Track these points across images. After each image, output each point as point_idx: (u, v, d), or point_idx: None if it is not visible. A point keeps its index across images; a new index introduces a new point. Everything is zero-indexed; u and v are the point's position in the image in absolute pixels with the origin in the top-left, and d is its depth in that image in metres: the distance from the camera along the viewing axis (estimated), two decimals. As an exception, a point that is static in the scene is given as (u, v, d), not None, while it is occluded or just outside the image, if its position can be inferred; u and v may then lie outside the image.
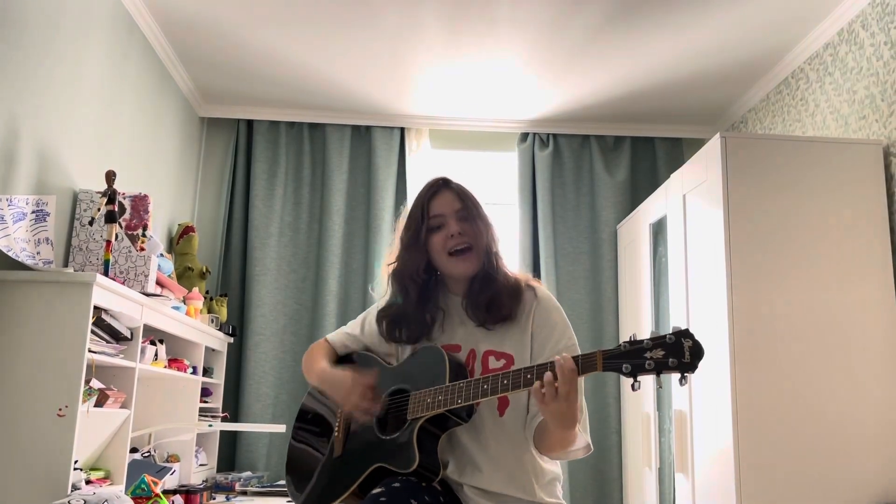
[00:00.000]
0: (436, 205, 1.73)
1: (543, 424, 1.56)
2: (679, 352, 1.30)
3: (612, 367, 1.35)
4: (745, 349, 2.63)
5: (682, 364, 1.29)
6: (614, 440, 3.96)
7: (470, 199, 1.75)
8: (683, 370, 1.30)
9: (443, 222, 1.71)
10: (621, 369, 1.34)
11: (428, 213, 1.72)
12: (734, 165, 2.77)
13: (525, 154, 4.34)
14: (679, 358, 1.29)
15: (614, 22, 3.28)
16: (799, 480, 2.55)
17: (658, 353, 1.31)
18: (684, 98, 4.04)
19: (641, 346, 1.33)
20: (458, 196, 1.74)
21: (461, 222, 1.71)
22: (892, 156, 2.80)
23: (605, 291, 4.16)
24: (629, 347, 1.34)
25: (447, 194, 1.74)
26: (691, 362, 1.29)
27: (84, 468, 2.38)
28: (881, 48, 2.88)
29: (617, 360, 1.35)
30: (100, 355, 2.32)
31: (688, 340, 1.30)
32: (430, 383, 1.58)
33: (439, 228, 1.71)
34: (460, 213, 1.72)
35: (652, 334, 1.35)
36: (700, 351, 1.30)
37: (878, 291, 2.70)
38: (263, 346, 4.02)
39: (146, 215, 2.80)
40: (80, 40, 2.74)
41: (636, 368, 1.32)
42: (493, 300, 1.67)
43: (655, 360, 1.31)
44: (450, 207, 1.72)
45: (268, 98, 4.13)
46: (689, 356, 1.29)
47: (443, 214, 1.72)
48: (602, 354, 1.37)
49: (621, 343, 1.36)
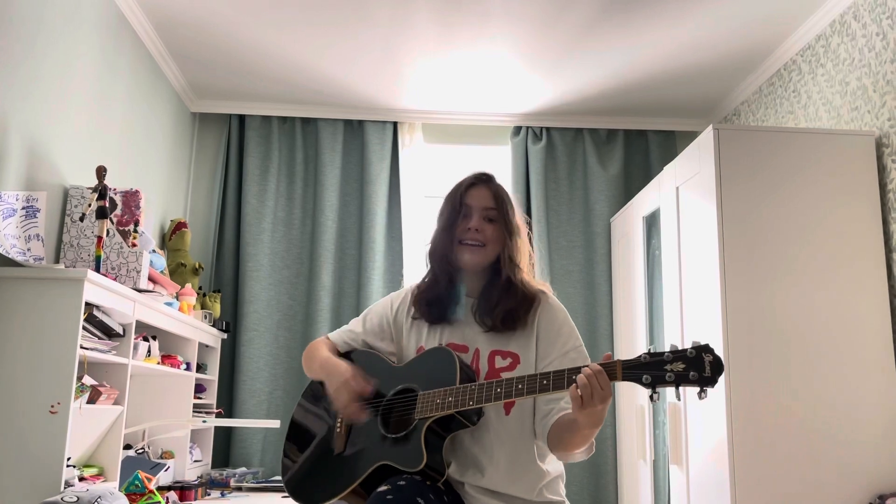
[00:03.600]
0: (471, 195, 1.76)
1: (565, 425, 1.56)
2: (700, 366, 1.33)
3: (632, 377, 1.37)
4: (739, 341, 2.64)
5: (702, 378, 1.32)
6: (609, 433, 3.97)
7: (504, 203, 1.76)
8: (703, 384, 1.33)
9: (469, 213, 1.74)
10: (641, 380, 1.36)
11: (461, 201, 1.76)
12: (727, 157, 2.77)
13: (518, 148, 4.34)
14: (700, 372, 1.33)
15: (607, 15, 3.28)
16: (793, 472, 2.56)
17: (679, 366, 1.34)
18: (677, 91, 4.04)
19: (662, 358, 1.36)
20: (494, 196, 1.76)
21: (484, 221, 1.73)
22: (884, 146, 2.80)
23: (598, 285, 4.16)
24: (649, 359, 1.37)
25: (484, 190, 1.77)
26: (712, 377, 1.33)
27: (77, 465, 2.38)
28: (873, 39, 2.88)
29: (637, 370, 1.37)
30: (92, 352, 2.31)
31: (708, 355, 1.33)
32: (438, 384, 1.59)
33: (465, 218, 1.74)
34: (488, 212, 1.74)
35: (672, 347, 1.37)
36: (720, 366, 1.33)
37: (870, 281, 2.71)
38: (257, 341, 4.01)
39: (138, 211, 2.78)
40: (71, 35, 2.72)
41: (656, 380, 1.35)
42: (509, 313, 1.68)
43: (676, 373, 1.34)
44: (481, 203, 1.75)
45: (260, 93, 4.12)
46: (710, 371, 1.33)
47: (472, 206, 1.75)
48: (622, 365, 1.39)
49: (642, 354, 1.38)
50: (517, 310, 1.68)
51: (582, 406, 1.39)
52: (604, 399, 1.38)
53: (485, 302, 1.71)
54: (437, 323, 1.75)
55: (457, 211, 1.75)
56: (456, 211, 1.75)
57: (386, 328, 1.84)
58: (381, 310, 1.87)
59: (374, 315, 1.87)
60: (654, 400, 1.36)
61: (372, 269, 4.11)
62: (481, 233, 1.72)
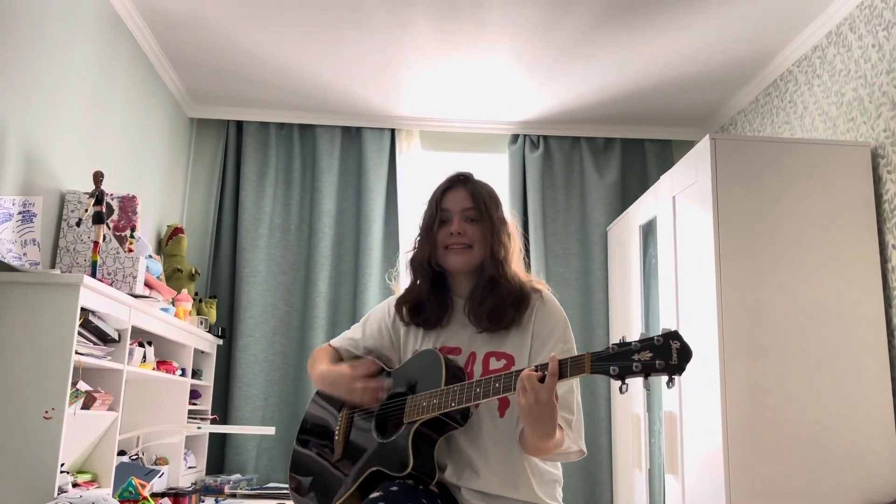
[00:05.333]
0: (447, 199, 1.74)
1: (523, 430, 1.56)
2: (667, 353, 1.28)
3: (600, 369, 1.34)
4: (735, 350, 2.64)
5: (669, 366, 1.28)
6: (604, 441, 3.96)
7: (482, 200, 1.74)
8: (671, 372, 1.28)
9: (449, 218, 1.73)
10: (609, 371, 1.33)
11: (440, 206, 1.74)
12: (723, 167, 2.78)
13: (515, 155, 4.34)
14: (666, 360, 1.28)
15: (605, 24, 3.29)
16: (788, 481, 2.56)
17: (646, 354, 1.30)
18: (674, 100, 4.05)
19: (629, 347, 1.32)
20: (471, 195, 1.74)
21: (465, 222, 1.71)
22: (879, 157, 2.81)
23: (595, 293, 4.16)
24: (617, 349, 1.33)
25: (461, 191, 1.75)
26: (678, 364, 1.28)
27: (71, 471, 2.36)
28: (869, 51, 2.90)
29: (605, 362, 1.34)
30: (87, 357, 2.30)
31: (675, 342, 1.29)
32: (426, 387, 1.59)
33: (445, 223, 1.73)
34: (467, 213, 1.72)
35: (641, 336, 1.34)
36: (688, 352, 1.29)
37: (866, 292, 2.72)
38: (253, 347, 4.00)
39: (134, 216, 2.78)
40: (68, 40, 2.72)
41: (623, 370, 1.31)
42: (495, 310, 1.67)
43: (643, 363, 1.30)
44: (459, 205, 1.73)
45: (258, 99, 4.12)
46: (677, 358, 1.28)
47: (450, 210, 1.73)
48: (590, 357, 1.36)
49: (610, 345, 1.35)
50: (503, 306, 1.66)
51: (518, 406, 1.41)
52: (536, 401, 1.37)
53: (473, 302, 1.70)
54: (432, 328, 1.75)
55: (434, 217, 1.73)
56: (433, 217, 1.74)
57: (385, 333, 1.84)
58: (380, 315, 1.88)
59: (373, 321, 1.88)
60: (623, 391, 1.32)
61: (368, 276, 4.10)
62: (465, 234, 1.70)
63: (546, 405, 1.38)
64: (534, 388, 1.37)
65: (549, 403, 1.38)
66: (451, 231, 1.71)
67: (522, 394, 1.39)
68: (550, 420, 1.40)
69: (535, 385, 1.37)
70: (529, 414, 1.39)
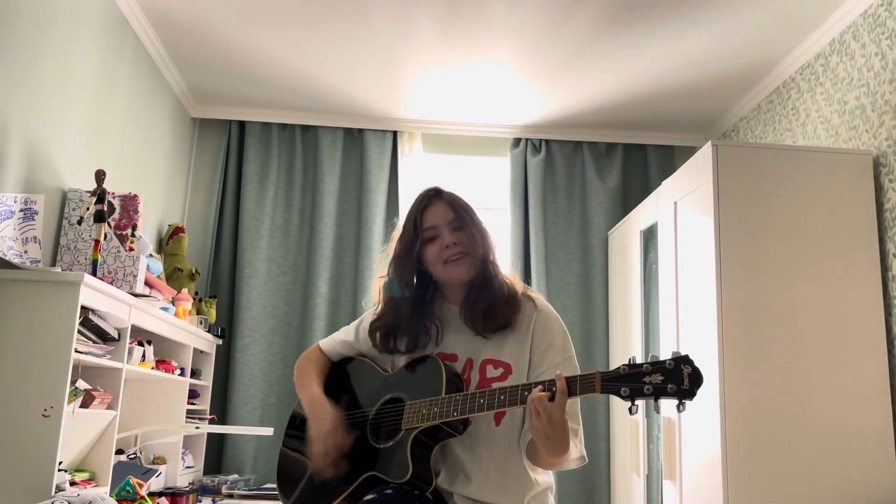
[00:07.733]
0: (429, 216, 1.72)
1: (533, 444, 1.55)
2: (678, 378, 1.30)
3: (611, 389, 1.35)
4: (734, 357, 2.64)
5: (680, 391, 1.30)
6: (603, 447, 3.96)
7: (462, 207, 1.73)
8: (682, 397, 1.30)
9: (436, 234, 1.70)
10: (620, 392, 1.34)
11: (422, 226, 1.71)
12: (725, 173, 2.78)
13: (517, 159, 4.34)
14: (678, 384, 1.30)
15: (608, 29, 3.29)
16: (787, 488, 2.55)
17: (657, 378, 1.31)
18: (676, 106, 4.05)
19: (641, 370, 1.33)
20: (451, 206, 1.72)
21: (455, 232, 1.70)
22: (881, 166, 2.81)
23: (595, 298, 4.16)
24: (628, 371, 1.34)
25: (439, 205, 1.73)
26: (690, 389, 1.30)
27: (69, 469, 2.36)
28: (872, 59, 2.90)
29: (616, 382, 1.35)
30: (86, 356, 2.30)
31: (687, 367, 1.31)
32: (426, 394, 1.58)
33: (433, 240, 1.70)
34: (454, 224, 1.71)
35: (651, 358, 1.35)
36: (699, 378, 1.30)
37: (866, 301, 2.71)
38: (252, 348, 4.00)
39: (136, 215, 2.78)
40: (72, 38, 2.72)
41: (634, 392, 1.33)
42: (489, 308, 1.66)
43: (654, 386, 1.31)
44: (443, 218, 1.71)
45: (260, 99, 4.12)
46: (689, 383, 1.30)
47: (436, 226, 1.70)
48: (601, 376, 1.37)
49: (621, 366, 1.36)
50: (496, 304, 1.66)
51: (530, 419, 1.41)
52: (549, 421, 1.37)
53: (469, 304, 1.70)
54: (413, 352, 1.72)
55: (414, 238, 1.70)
56: (413, 238, 1.70)
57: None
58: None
59: (367, 324, 1.87)
60: (633, 413, 1.33)
61: (369, 278, 4.10)
62: (459, 244, 1.69)
63: (559, 423, 1.38)
64: (546, 409, 1.37)
65: (561, 421, 1.39)
66: (445, 244, 1.68)
67: (535, 416, 1.39)
68: (563, 436, 1.41)
69: (546, 406, 1.37)
70: (544, 434, 1.40)
